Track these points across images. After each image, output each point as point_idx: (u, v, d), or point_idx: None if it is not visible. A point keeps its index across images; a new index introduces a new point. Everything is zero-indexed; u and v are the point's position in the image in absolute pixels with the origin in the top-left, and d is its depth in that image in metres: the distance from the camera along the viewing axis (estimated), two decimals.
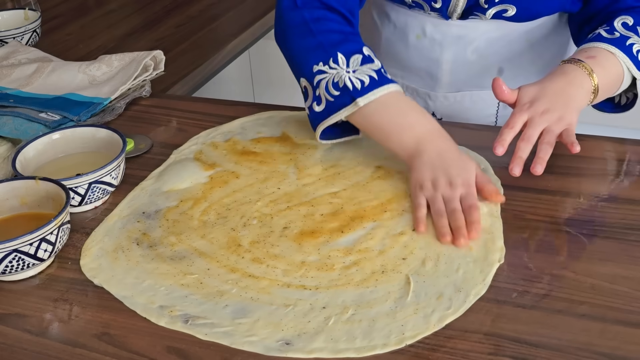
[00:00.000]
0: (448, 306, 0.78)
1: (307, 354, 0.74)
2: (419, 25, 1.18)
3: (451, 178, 0.92)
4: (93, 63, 1.31)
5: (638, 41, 1.02)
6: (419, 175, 0.94)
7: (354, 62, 0.99)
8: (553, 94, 0.96)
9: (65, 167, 1.02)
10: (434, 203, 0.91)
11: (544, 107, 0.95)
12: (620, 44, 1.01)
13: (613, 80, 1.01)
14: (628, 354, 0.71)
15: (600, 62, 0.99)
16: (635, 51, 1.01)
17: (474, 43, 1.17)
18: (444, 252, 0.85)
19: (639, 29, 1.02)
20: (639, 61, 1.01)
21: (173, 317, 0.79)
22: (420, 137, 0.96)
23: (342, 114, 0.99)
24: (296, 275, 0.84)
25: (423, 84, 1.23)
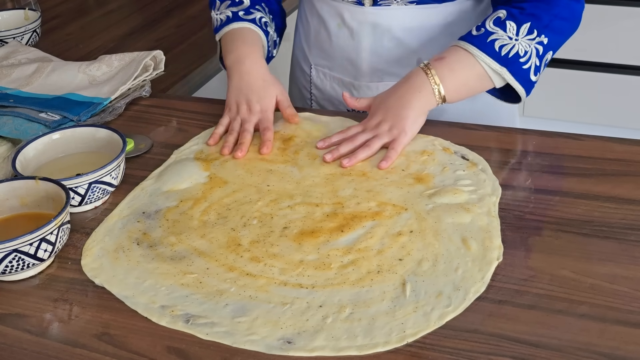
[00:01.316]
0: (447, 304, 0.78)
1: (309, 353, 0.74)
2: (338, 14, 1.23)
3: (250, 104, 1.11)
4: (93, 63, 1.31)
5: (502, 36, 1.04)
6: (228, 98, 1.13)
7: (223, 6, 1.22)
8: (389, 106, 1.05)
9: (65, 167, 1.02)
10: (232, 123, 1.10)
11: (377, 120, 1.05)
12: (480, 42, 1.05)
13: (468, 79, 1.06)
14: (628, 354, 0.71)
15: (448, 63, 1.05)
16: (498, 46, 1.04)
17: (391, 32, 1.20)
18: (442, 253, 0.85)
19: (508, 23, 1.05)
20: (500, 56, 1.04)
21: (174, 316, 0.79)
22: (234, 60, 1.15)
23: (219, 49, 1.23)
24: (293, 274, 0.84)
25: (347, 73, 1.27)
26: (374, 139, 1.03)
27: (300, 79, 1.36)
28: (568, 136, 1.06)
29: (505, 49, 1.04)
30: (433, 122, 1.15)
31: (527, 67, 1.05)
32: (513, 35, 1.04)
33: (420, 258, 0.85)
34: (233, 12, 1.19)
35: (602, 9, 2.51)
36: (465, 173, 0.98)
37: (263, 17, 1.20)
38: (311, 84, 1.33)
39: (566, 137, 1.06)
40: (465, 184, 0.96)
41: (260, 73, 1.13)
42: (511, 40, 1.04)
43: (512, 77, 1.05)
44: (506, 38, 1.04)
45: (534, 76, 1.07)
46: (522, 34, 1.04)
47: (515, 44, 1.04)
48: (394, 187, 0.97)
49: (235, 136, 1.08)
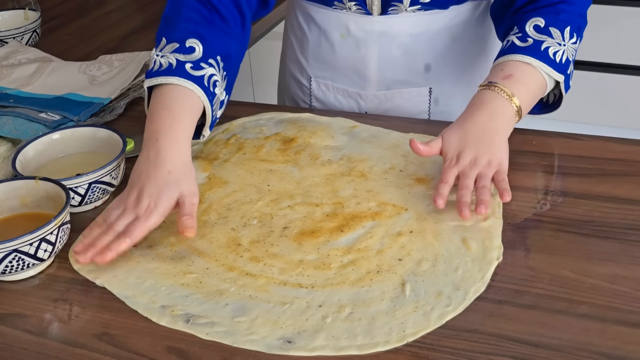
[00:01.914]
0: (447, 304, 0.78)
1: (309, 352, 0.74)
2: (342, 24, 1.19)
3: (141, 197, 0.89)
4: (93, 63, 1.31)
5: (553, 43, 1.00)
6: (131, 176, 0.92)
7: (168, 48, 0.99)
8: (476, 138, 0.95)
9: (65, 167, 1.02)
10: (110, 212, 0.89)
11: (470, 157, 0.94)
12: (535, 52, 1.00)
13: (535, 92, 1.00)
14: (628, 354, 0.71)
15: (518, 79, 0.98)
16: (552, 53, 1.00)
17: (398, 39, 1.17)
18: (442, 253, 0.85)
19: (552, 30, 1.01)
20: (557, 63, 1.00)
21: (174, 316, 0.79)
22: (151, 133, 0.93)
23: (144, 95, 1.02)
24: (292, 274, 0.84)
25: (352, 83, 1.23)
26: (481, 179, 0.92)
27: (296, 91, 1.32)
28: (568, 136, 1.06)
29: (558, 55, 1.00)
30: (433, 122, 1.15)
31: (569, 72, 1.03)
32: (560, 40, 1.00)
33: (420, 258, 0.85)
34: (179, 60, 0.97)
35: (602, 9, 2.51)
36: None
37: (214, 75, 1.00)
38: (311, 97, 1.29)
39: (566, 137, 1.06)
40: None
41: (170, 161, 0.91)
42: (560, 46, 1.00)
43: (563, 86, 1.02)
44: (556, 44, 1.00)
45: (570, 81, 1.04)
46: (567, 39, 1.01)
47: (564, 50, 1.00)
48: (394, 188, 0.97)
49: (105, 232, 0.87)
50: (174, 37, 1.00)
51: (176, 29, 1.01)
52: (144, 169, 0.91)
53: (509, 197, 0.90)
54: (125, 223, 0.87)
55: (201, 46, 0.99)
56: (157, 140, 0.92)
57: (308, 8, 1.23)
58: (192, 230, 0.87)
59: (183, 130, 0.94)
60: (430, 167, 1.00)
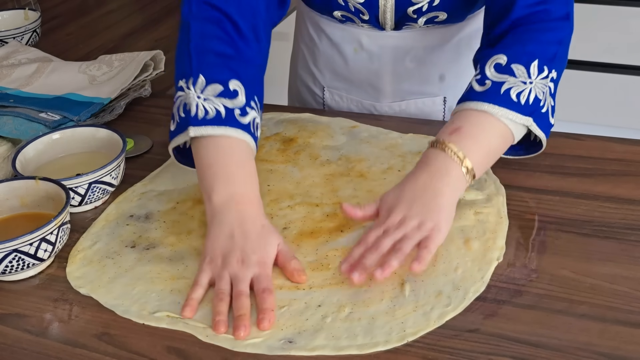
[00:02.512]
0: (447, 303, 0.78)
1: (309, 352, 0.74)
2: (354, 39, 1.17)
3: (244, 255, 0.82)
4: (93, 63, 1.31)
5: (515, 82, 0.88)
6: (211, 244, 0.84)
7: (210, 91, 0.90)
8: (412, 197, 0.84)
9: (65, 167, 1.02)
10: (217, 283, 0.81)
11: (400, 216, 0.83)
12: (492, 96, 0.88)
13: (493, 145, 0.89)
14: (628, 354, 0.71)
15: (468, 132, 0.87)
16: (515, 95, 0.88)
17: (412, 52, 1.15)
18: (442, 253, 0.85)
19: (514, 67, 0.89)
20: (521, 105, 0.88)
21: (173, 318, 0.79)
22: (231, 196, 0.86)
23: (178, 139, 0.92)
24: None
25: (367, 95, 1.21)
26: (403, 241, 0.81)
27: (309, 100, 1.29)
28: (568, 136, 1.06)
29: (523, 96, 0.88)
30: (433, 122, 1.15)
31: (545, 110, 0.91)
32: (525, 78, 0.88)
33: None
34: (227, 108, 0.90)
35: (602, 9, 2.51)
36: None
37: (256, 118, 0.93)
38: (324, 106, 1.27)
39: (566, 137, 1.06)
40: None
41: (260, 217, 0.86)
42: (525, 84, 0.88)
43: (536, 126, 0.90)
44: (519, 83, 0.88)
45: (552, 118, 0.92)
46: (533, 75, 0.89)
47: (531, 88, 0.88)
48: None
49: (227, 303, 0.80)
50: (215, 77, 0.91)
51: (213, 65, 0.92)
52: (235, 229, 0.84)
53: (418, 269, 0.79)
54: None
55: (243, 89, 0.92)
56: (241, 203, 0.86)
57: (319, 20, 1.20)
58: (304, 276, 0.83)
59: (257, 190, 0.89)
60: None
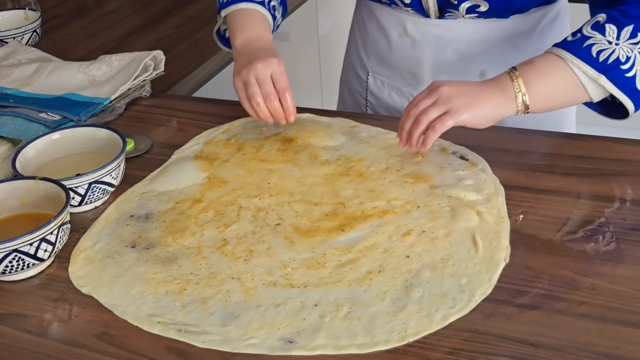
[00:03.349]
0: (452, 305, 0.78)
1: (310, 351, 0.74)
2: (400, 24, 1.19)
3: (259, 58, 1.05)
4: (93, 63, 1.31)
5: (601, 40, 0.94)
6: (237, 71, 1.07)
7: None
8: (467, 89, 0.96)
9: (65, 167, 1.02)
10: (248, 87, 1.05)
11: (452, 93, 0.95)
12: (574, 46, 0.95)
13: (560, 87, 0.96)
14: (628, 354, 0.71)
15: (537, 67, 0.95)
16: (596, 52, 0.93)
17: (455, 44, 1.16)
18: (452, 255, 0.85)
19: (607, 26, 0.94)
20: (597, 61, 0.93)
21: (165, 325, 0.79)
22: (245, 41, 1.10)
23: (218, 22, 1.19)
24: (281, 274, 0.84)
25: (406, 83, 1.23)
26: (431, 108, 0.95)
27: (355, 85, 1.33)
28: (568, 136, 1.06)
29: (604, 55, 0.93)
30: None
31: (631, 74, 0.93)
32: (613, 39, 0.93)
33: (429, 259, 0.84)
34: None
35: None
36: (465, 173, 0.98)
37: (272, 1, 1.17)
38: (367, 91, 1.30)
39: (566, 137, 1.06)
40: (468, 183, 0.96)
41: (268, 46, 1.09)
42: (610, 44, 0.93)
43: (612, 85, 0.94)
44: (605, 42, 0.93)
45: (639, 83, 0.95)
46: (623, 37, 0.93)
47: (616, 49, 0.93)
48: (397, 187, 0.97)
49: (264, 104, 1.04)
50: None
51: None
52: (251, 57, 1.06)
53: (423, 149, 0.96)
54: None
55: None
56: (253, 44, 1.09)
57: (371, 4, 1.23)
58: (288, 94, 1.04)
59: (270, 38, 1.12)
60: (426, 165, 1.00)
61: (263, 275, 0.84)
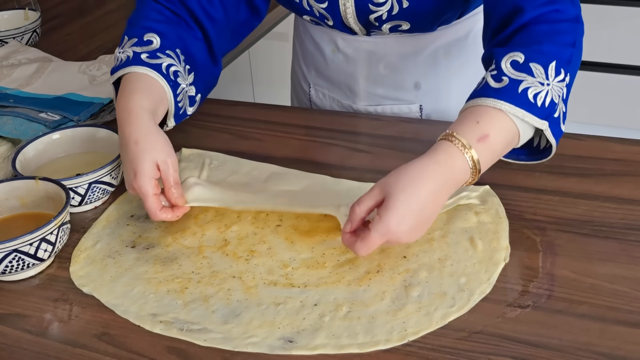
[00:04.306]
0: (451, 304, 0.78)
1: (311, 351, 0.74)
2: (332, 40, 1.19)
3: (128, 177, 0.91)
4: (93, 63, 1.31)
5: (533, 82, 0.83)
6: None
7: (128, 44, 1.00)
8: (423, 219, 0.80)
9: (65, 167, 1.02)
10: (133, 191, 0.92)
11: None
12: (510, 95, 0.83)
13: (502, 145, 0.85)
14: (628, 354, 0.71)
15: (492, 145, 0.83)
16: (532, 96, 0.83)
17: (386, 58, 1.15)
18: (450, 255, 0.85)
19: (532, 66, 0.84)
20: (537, 107, 0.83)
21: (167, 324, 0.79)
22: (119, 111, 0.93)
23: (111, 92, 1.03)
24: (281, 273, 0.84)
25: (345, 96, 1.23)
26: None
27: (301, 96, 1.33)
28: (568, 136, 1.06)
29: (540, 98, 0.83)
30: (433, 122, 1.15)
31: (557, 115, 0.86)
32: (543, 79, 0.84)
33: (427, 259, 0.84)
34: (135, 52, 0.98)
35: (602, 9, 2.51)
36: None
37: (173, 65, 0.99)
38: (311, 103, 1.30)
39: (566, 137, 1.06)
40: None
41: (134, 133, 0.90)
42: (543, 85, 0.83)
43: (550, 133, 0.85)
44: (537, 84, 0.83)
45: (562, 125, 0.88)
46: (551, 76, 0.84)
47: (549, 90, 0.84)
48: None
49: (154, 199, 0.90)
50: (134, 33, 1.01)
51: (137, 26, 1.02)
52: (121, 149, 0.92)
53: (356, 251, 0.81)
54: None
55: (159, 39, 1.00)
56: (121, 120, 0.92)
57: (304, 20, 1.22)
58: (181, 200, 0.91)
59: (136, 102, 0.93)
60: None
61: (264, 274, 0.84)
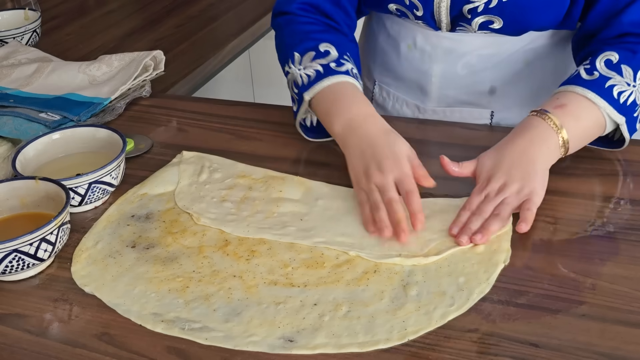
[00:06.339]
0: (451, 303, 0.78)
1: (311, 350, 0.74)
2: (410, 35, 1.15)
3: (380, 165, 0.91)
4: (93, 63, 1.31)
5: (620, 82, 0.94)
6: (351, 170, 0.95)
7: (307, 59, 1.03)
8: (510, 163, 0.90)
9: (65, 167, 1.02)
10: (369, 195, 0.91)
11: (500, 183, 0.89)
12: (598, 87, 0.94)
13: (589, 129, 0.96)
14: (628, 354, 0.71)
15: (571, 111, 0.93)
16: (617, 93, 0.94)
17: (465, 58, 1.12)
18: (446, 256, 0.84)
19: (623, 67, 0.95)
20: (619, 103, 0.94)
21: (168, 323, 0.79)
22: (346, 124, 0.97)
23: (301, 112, 1.05)
24: (282, 273, 0.84)
25: (413, 96, 1.20)
26: (502, 206, 0.88)
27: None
28: None
29: (623, 96, 0.94)
30: (432, 122, 1.15)
31: (636, 115, 0.96)
32: (630, 80, 0.94)
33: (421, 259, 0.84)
34: (323, 65, 1.02)
35: None
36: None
37: (353, 68, 1.05)
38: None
39: None
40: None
41: (380, 126, 0.96)
42: (629, 86, 0.94)
43: (625, 128, 0.96)
44: (624, 84, 0.94)
45: (639, 124, 0.98)
46: (639, 79, 0.95)
47: (633, 91, 0.94)
48: None
49: (384, 211, 0.88)
50: (306, 47, 1.04)
51: (304, 40, 1.05)
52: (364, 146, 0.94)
53: (525, 228, 0.86)
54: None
55: (334, 47, 1.04)
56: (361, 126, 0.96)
57: (382, 14, 1.20)
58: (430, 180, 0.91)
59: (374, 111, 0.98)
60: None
61: (264, 274, 0.84)
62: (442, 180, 0.93)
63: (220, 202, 0.96)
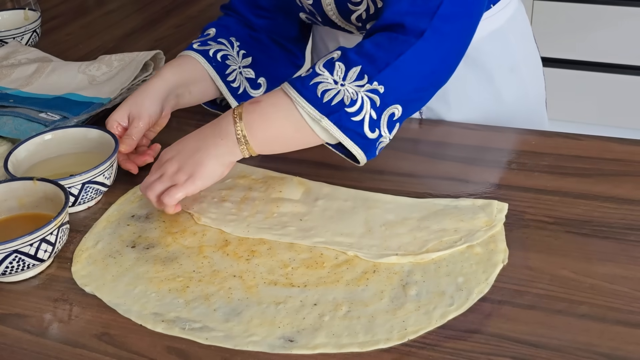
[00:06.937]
0: (450, 303, 0.78)
1: (311, 350, 0.74)
2: (334, 38, 1.17)
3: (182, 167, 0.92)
4: (93, 63, 1.31)
5: (327, 79, 0.86)
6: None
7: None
8: (188, 151, 0.92)
9: (58, 168, 1.01)
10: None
11: (175, 167, 0.92)
12: (302, 84, 0.87)
13: (284, 128, 0.89)
14: (628, 354, 0.71)
15: (262, 108, 0.89)
16: (320, 92, 0.86)
17: None
18: (445, 256, 0.84)
19: (338, 65, 0.87)
20: (323, 103, 0.86)
21: (169, 322, 0.79)
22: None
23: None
24: (282, 273, 0.84)
25: None
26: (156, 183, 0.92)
27: None
28: (567, 136, 1.06)
29: (328, 95, 0.86)
30: (433, 122, 1.15)
31: (358, 119, 0.86)
32: (339, 79, 0.86)
33: (419, 259, 0.84)
34: (192, 42, 1.10)
35: (602, 9, 2.51)
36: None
37: (223, 51, 1.08)
38: None
39: (565, 137, 1.06)
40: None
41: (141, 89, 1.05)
42: (336, 84, 0.86)
43: (336, 129, 0.86)
44: (331, 82, 0.86)
45: (370, 131, 0.87)
46: (349, 78, 0.86)
47: (341, 90, 0.86)
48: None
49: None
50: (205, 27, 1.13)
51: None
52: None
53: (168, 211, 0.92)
54: None
55: (215, 30, 1.11)
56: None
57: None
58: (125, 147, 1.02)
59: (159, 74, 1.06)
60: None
61: (264, 274, 0.84)
62: (442, 180, 0.94)
63: (221, 202, 0.96)
